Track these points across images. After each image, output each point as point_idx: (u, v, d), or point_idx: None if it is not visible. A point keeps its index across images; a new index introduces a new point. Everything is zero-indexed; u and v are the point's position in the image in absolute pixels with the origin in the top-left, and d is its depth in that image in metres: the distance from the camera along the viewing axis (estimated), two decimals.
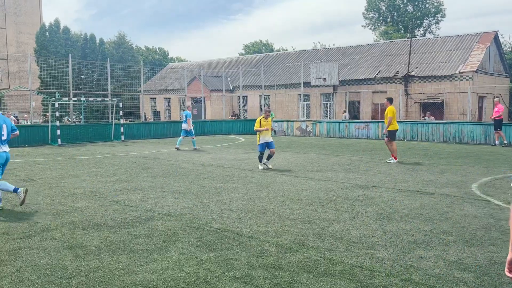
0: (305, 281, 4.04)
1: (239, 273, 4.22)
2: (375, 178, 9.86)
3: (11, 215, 6.56)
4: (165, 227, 5.83)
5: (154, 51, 72.25)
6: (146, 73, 44.00)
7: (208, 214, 6.56)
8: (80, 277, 4.11)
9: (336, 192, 8.20)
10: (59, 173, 10.81)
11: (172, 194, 8.11)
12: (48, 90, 27.37)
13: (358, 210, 6.80)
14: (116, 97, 25.75)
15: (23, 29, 46.50)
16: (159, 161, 13.29)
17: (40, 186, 9.05)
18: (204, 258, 4.65)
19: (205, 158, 14.06)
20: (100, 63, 31.12)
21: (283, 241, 5.23)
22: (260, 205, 7.12)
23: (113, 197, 7.82)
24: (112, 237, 5.38)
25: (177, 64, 51.29)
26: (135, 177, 10.10)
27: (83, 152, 16.34)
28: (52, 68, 29.38)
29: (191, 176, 10.30)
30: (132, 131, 23.72)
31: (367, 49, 33.99)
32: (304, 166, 12.13)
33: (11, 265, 4.45)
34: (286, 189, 8.59)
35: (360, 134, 24.57)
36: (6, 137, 6.99)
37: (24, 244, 5.12)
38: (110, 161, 13.30)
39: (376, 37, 53.63)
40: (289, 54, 40.25)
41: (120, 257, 4.66)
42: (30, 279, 4.08)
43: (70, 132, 20.86)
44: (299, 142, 21.75)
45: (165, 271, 4.28)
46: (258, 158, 11.96)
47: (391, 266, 4.40)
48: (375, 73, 30.24)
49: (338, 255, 4.72)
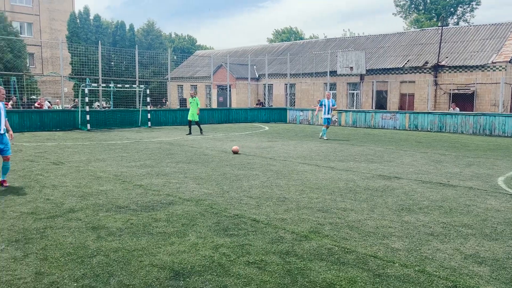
0: (317, 268, 4.09)
1: (253, 258, 4.30)
2: (397, 169, 9.74)
3: (40, 196, 6.85)
4: (184, 212, 5.98)
5: (183, 38, 72.77)
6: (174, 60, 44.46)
7: (227, 200, 6.68)
8: (100, 257, 4.30)
9: (357, 182, 8.17)
10: (86, 157, 11.17)
11: (193, 180, 8.27)
12: (79, 76, 28.09)
13: (377, 200, 6.77)
14: (144, 84, 26.17)
15: (56, 16, 47.66)
16: (183, 148, 13.51)
17: (68, 169, 9.39)
18: (220, 242, 4.76)
19: (228, 146, 14.19)
20: (129, 50, 31.62)
21: (299, 228, 5.28)
22: (279, 193, 7.18)
23: (136, 181, 8.04)
24: (133, 220, 5.57)
25: (204, 52, 51.53)
26: (159, 163, 10.33)
27: (111, 137, 16.77)
28: (83, 55, 30.10)
29: (213, 162, 10.44)
30: (159, 117, 24.11)
31: (396, 37, 33.23)
32: (326, 155, 12.09)
33: (37, 243, 4.68)
34: (306, 178, 8.61)
35: (387, 125, 24.19)
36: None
37: (50, 224, 5.36)
38: (136, 147, 13.62)
39: (407, 26, 52.29)
40: (316, 42, 39.79)
41: (140, 239, 4.83)
42: (54, 256, 4.29)
43: (99, 118, 21.42)
44: None
45: (181, 253, 4.41)
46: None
47: (406, 257, 4.39)
48: (404, 63, 29.57)
49: (353, 244, 4.74)
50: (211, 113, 27.39)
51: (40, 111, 20.48)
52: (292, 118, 28.91)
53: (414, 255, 4.46)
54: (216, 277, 3.86)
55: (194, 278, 3.84)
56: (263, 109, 30.09)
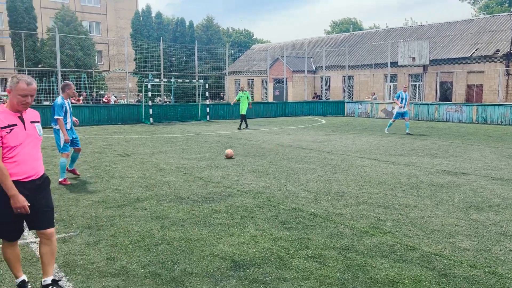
0: (379, 265, 4.00)
1: (312, 253, 4.29)
2: (464, 165, 9.24)
3: (109, 186, 7.27)
4: (243, 204, 6.08)
5: (240, 32, 73.49)
6: (231, 54, 45.06)
7: (284, 193, 6.70)
8: (165, 245, 4.49)
9: (420, 178, 7.86)
10: (150, 150, 11.67)
11: (251, 172, 8.37)
12: (142, 72, 29.33)
13: (442, 197, 6.47)
14: (203, 78, 26.80)
15: (121, 15, 50.00)
16: (241, 141, 13.70)
17: (134, 160, 9.86)
18: (278, 235, 4.79)
19: (284, 139, 14.19)
20: (188, 45, 32.48)
21: (358, 224, 5.19)
22: (338, 188, 7.08)
23: (197, 173, 8.28)
24: (195, 211, 5.75)
25: (261, 46, 51.75)
26: (218, 155, 10.56)
27: (172, 131, 17.39)
28: (145, 51, 31.35)
29: (270, 156, 10.50)
30: (217, 111, 24.60)
31: (464, 25, 31.34)
32: (387, 149, 11.73)
33: (108, 230, 4.98)
34: (365, 172, 8.41)
35: (452, 117, 22.98)
36: None
37: (119, 212, 5.68)
38: (196, 140, 14.02)
39: (475, 12, 49.13)
40: (376, 33, 38.54)
41: (201, 229, 4.98)
42: (122, 243, 4.54)
43: (161, 112, 22.26)
44: (384, 125, 20.93)
45: (241, 245, 4.50)
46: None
47: (475, 257, 4.17)
48: (471, 52, 27.85)
49: (416, 242, 4.58)
50: (267, 106, 27.47)
51: (107, 106, 21.66)
52: (350, 111, 28.30)
53: (484, 255, 4.22)
54: (275, 270, 3.89)
55: (253, 269, 3.90)
56: (320, 102, 29.72)
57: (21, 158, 3.22)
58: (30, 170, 3.27)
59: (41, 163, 3.41)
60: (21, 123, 3.26)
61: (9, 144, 3.17)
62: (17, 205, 3.14)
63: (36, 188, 3.32)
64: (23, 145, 3.23)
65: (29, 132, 3.28)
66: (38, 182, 3.34)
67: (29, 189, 3.25)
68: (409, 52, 28.22)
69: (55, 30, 23.86)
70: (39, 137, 3.38)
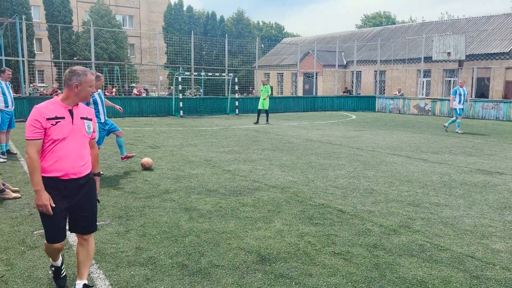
0: (408, 264, 3.92)
1: (339, 249, 4.25)
2: (500, 164, 8.92)
3: (139, 177, 7.43)
4: (270, 198, 6.08)
5: (270, 26, 73.19)
6: (261, 48, 45.00)
7: (312, 189, 6.65)
8: (192, 237, 4.55)
9: (452, 176, 7.64)
10: (179, 142, 11.83)
11: (278, 167, 8.36)
12: (173, 65, 29.72)
13: (475, 197, 6.27)
14: (233, 72, 26.89)
15: (154, 8, 50.71)
16: (269, 135, 13.69)
17: (163, 152, 10.03)
18: (305, 231, 4.77)
19: (313, 134, 14.09)
20: (219, 39, 32.66)
21: (387, 222, 5.10)
22: (366, 184, 6.98)
23: (225, 167, 8.34)
24: (222, 203, 5.80)
25: (291, 39, 51.38)
26: (246, 149, 10.60)
27: (201, 124, 17.56)
28: (176, 45, 31.75)
29: (298, 151, 10.45)
30: (246, 105, 24.65)
31: (503, 19, 30.10)
32: (418, 146, 11.46)
33: (137, 220, 5.09)
34: (395, 169, 8.25)
35: (488, 115, 22.19)
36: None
37: (148, 203, 5.80)
38: (225, 133, 14.11)
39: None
40: (410, 27, 37.57)
41: (228, 222, 5.02)
42: (151, 234, 4.64)
43: (191, 105, 22.52)
44: (416, 121, 20.47)
45: (267, 239, 4.50)
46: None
47: (508, 260, 4.03)
48: (510, 47, 26.74)
49: (447, 242, 4.46)
50: (297, 101, 27.31)
51: (139, 98, 22.08)
52: (381, 107, 27.78)
53: None
54: (301, 265, 3.88)
55: (279, 264, 3.90)
56: (350, 97, 29.30)
57: (63, 153, 3.03)
58: (71, 168, 3.06)
59: (87, 162, 3.20)
60: (70, 117, 3.07)
61: (52, 137, 2.99)
62: (39, 203, 2.98)
63: (78, 188, 3.13)
64: (67, 140, 3.04)
65: (76, 128, 3.09)
66: (82, 182, 3.15)
67: (70, 188, 3.09)
68: (444, 47, 27.37)
69: (90, 23, 24.46)
70: (87, 134, 3.17)
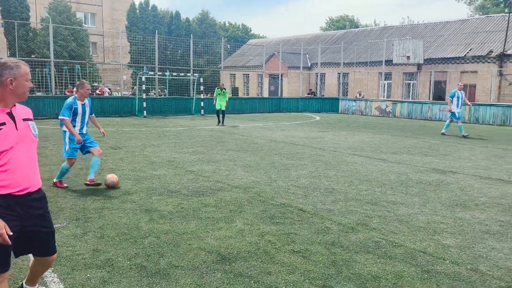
0: (363, 260, 4.04)
1: (298, 247, 4.33)
2: (454, 163, 9.33)
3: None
4: (232, 198, 6.10)
5: (237, 27, 73.22)
6: (227, 49, 44.94)
7: (274, 189, 6.73)
8: (152, 238, 4.51)
9: (409, 176, 7.93)
10: (142, 143, 11.65)
11: (242, 167, 8.40)
12: (137, 65, 29.21)
13: (429, 195, 6.54)
14: (198, 72, 26.73)
15: (117, 6, 49.58)
16: (234, 136, 13.71)
17: (125, 153, 9.85)
18: (266, 230, 4.82)
19: (277, 135, 14.22)
20: (184, 39, 32.36)
21: (346, 220, 5.23)
22: (327, 184, 7.13)
23: (188, 167, 8.29)
24: (184, 204, 5.77)
25: (257, 41, 51.62)
26: (210, 150, 10.57)
27: (165, 124, 17.35)
28: (140, 44, 31.22)
29: (263, 151, 10.53)
30: (211, 105, 24.52)
31: (458, 25, 31.46)
32: (378, 147, 11.80)
33: (95, 222, 4.99)
34: (356, 169, 8.47)
35: (444, 117, 23.09)
36: None
37: (107, 205, 5.69)
38: (189, 134, 14.01)
39: (471, 12, 49.34)
40: (372, 31, 38.60)
41: (189, 223, 5.01)
42: (109, 236, 4.55)
43: (155, 105, 22.20)
44: (377, 122, 21.06)
45: (228, 239, 4.53)
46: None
47: (457, 255, 4.23)
48: (465, 52, 27.99)
49: (402, 239, 4.64)
50: (262, 102, 27.48)
51: (101, 98, 21.56)
52: (345, 108, 28.38)
53: (466, 253, 4.29)
54: (261, 264, 3.93)
55: (239, 263, 3.93)
56: (315, 99, 29.76)
57: (13, 165, 2.54)
58: (25, 180, 2.59)
59: (38, 172, 2.75)
60: (12, 122, 2.57)
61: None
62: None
63: (33, 203, 2.65)
64: (15, 149, 2.55)
65: (21, 133, 2.61)
66: (36, 196, 2.68)
67: (22, 205, 2.60)
68: (404, 51, 28.32)
69: (49, 20, 23.66)
70: (34, 138, 2.71)
